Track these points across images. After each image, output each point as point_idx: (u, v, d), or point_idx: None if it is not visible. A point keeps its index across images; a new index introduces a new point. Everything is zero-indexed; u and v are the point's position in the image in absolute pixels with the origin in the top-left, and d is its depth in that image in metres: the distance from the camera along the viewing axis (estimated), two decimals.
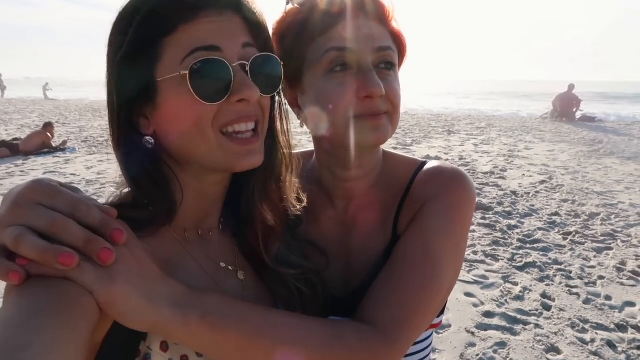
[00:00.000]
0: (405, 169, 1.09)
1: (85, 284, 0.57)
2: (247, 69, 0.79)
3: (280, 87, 0.89)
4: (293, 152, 0.99)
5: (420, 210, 0.99)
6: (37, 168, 9.39)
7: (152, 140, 0.80)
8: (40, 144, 10.96)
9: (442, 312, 1.09)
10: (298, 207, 0.99)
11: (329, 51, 0.93)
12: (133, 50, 0.76)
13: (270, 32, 0.92)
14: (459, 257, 0.98)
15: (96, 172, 8.84)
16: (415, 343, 1.03)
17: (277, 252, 0.97)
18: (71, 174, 8.75)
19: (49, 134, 11.20)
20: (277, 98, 0.93)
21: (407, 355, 1.05)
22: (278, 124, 0.94)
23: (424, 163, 1.09)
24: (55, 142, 11.38)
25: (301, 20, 0.97)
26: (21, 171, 9.07)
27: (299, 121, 1.07)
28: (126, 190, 0.82)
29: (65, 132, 12.63)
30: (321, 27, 0.95)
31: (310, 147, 1.19)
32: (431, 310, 0.92)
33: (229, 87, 0.76)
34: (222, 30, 0.77)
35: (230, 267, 0.95)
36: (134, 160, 0.80)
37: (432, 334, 1.11)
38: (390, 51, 0.96)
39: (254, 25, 0.83)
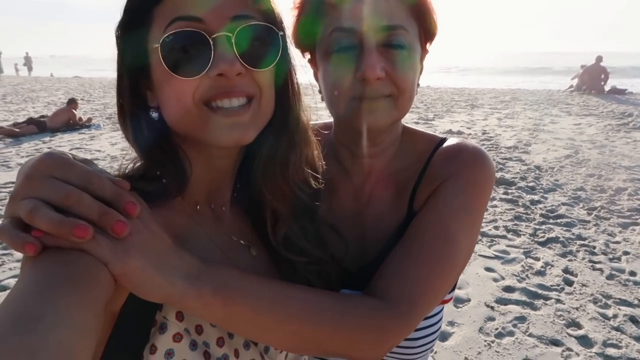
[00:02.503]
0: (424, 145, 1.07)
1: (100, 256, 0.57)
2: (233, 40, 0.74)
3: (287, 62, 0.85)
4: (311, 125, 0.94)
5: (438, 188, 0.98)
6: (63, 144, 9.61)
7: (157, 113, 0.80)
8: (66, 120, 11.19)
9: (453, 289, 1.10)
10: (313, 185, 0.95)
11: (334, 31, 0.91)
12: (127, 21, 0.76)
13: (291, 4, 0.91)
14: (474, 235, 0.97)
15: (120, 149, 8.99)
16: (426, 318, 1.04)
17: (286, 236, 0.94)
18: (96, 150, 8.93)
19: (73, 110, 11.41)
20: (287, 74, 0.87)
21: (417, 330, 1.05)
22: (290, 104, 0.88)
23: (444, 140, 1.07)
24: (82, 119, 11.59)
25: None
26: (48, 147, 9.29)
27: (320, 95, 1.06)
28: (138, 163, 0.82)
29: (90, 109, 12.85)
30: (330, 3, 0.92)
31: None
32: (443, 287, 0.92)
33: (209, 61, 0.73)
34: (209, 0, 0.73)
35: (242, 242, 0.94)
36: (142, 132, 0.80)
37: (442, 309, 1.11)
38: (400, 30, 0.91)
39: None
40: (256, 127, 0.81)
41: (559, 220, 5.36)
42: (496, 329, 3.34)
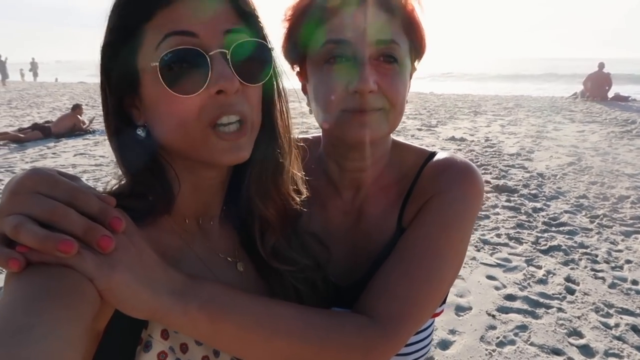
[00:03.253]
0: (413, 159, 1.07)
1: (85, 271, 0.56)
2: (228, 57, 0.74)
3: (276, 75, 0.86)
4: (300, 138, 0.95)
5: (427, 203, 0.98)
6: (68, 150, 9.66)
7: (144, 132, 0.79)
8: (71, 126, 11.25)
9: (444, 302, 1.08)
10: (297, 199, 0.95)
11: (326, 43, 0.91)
12: (115, 39, 0.75)
13: (282, 16, 0.91)
14: (463, 251, 0.97)
15: None
16: (416, 333, 1.03)
17: (274, 247, 0.94)
18: (100, 156, 8.98)
19: (78, 115, 11.48)
20: (275, 87, 0.88)
21: (407, 345, 1.04)
22: (277, 114, 0.89)
23: (433, 154, 1.06)
24: (85, 123, 11.66)
25: (306, 6, 0.95)
26: (53, 153, 9.36)
27: (309, 108, 1.06)
28: (125, 180, 0.81)
29: (95, 114, 12.90)
30: (322, 16, 0.92)
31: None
32: (432, 303, 0.91)
33: (207, 78, 0.72)
34: (200, 15, 0.73)
35: (229, 259, 0.93)
36: (128, 151, 0.79)
37: (433, 322, 1.11)
38: (393, 44, 0.92)
39: (243, 11, 0.78)
40: (251, 144, 0.82)
41: (561, 228, 5.35)
42: (497, 337, 3.34)
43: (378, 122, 0.94)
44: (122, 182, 0.82)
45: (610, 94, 18.48)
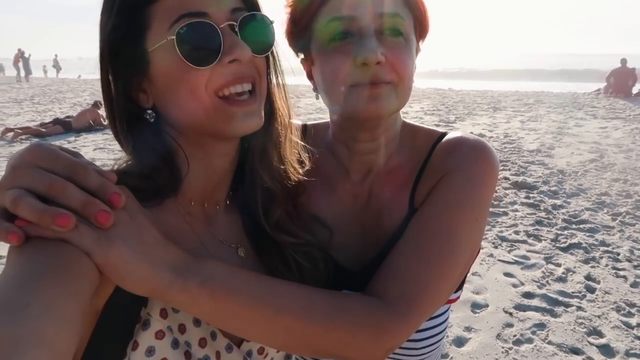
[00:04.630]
0: (424, 140, 1.05)
1: (83, 246, 0.57)
2: (236, 29, 0.78)
3: (274, 48, 0.89)
4: (309, 124, 0.98)
5: (438, 182, 0.95)
6: (87, 144, 9.82)
7: (154, 114, 0.81)
8: (91, 120, 11.43)
9: (460, 287, 1.06)
10: (300, 170, 0.98)
11: (331, 21, 0.91)
12: (121, 22, 0.76)
13: (284, 2, 0.92)
14: (478, 232, 0.94)
15: None
16: (430, 319, 1.01)
17: (277, 219, 0.95)
18: (119, 150, 8.98)
19: (97, 110, 11.66)
20: (271, 59, 0.91)
21: (420, 331, 1.02)
22: (274, 86, 0.93)
23: (444, 134, 1.04)
24: (105, 119, 11.84)
25: None
26: (73, 147, 9.48)
27: (315, 94, 1.05)
28: (132, 160, 0.83)
29: None
30: None
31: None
32: (446, 286, 0.89)
33: (220, 49, 0.76)
34: None
35: (231, 245, 0.94)
36: (137, 136, 0.80)
37: (448, 309, 1.08)
38: (398, 18, 0.91)
39: None
40: (262, 111, 0.84)
41: (581, 226, 5.23)
42: (514, 335, 3.28)
43: (387, 96, 0.92)
44: (130, 162, 0.83)
45: (635, 90, 18.04)
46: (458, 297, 1.09)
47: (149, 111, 0.81)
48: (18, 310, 0.47)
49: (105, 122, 11.19)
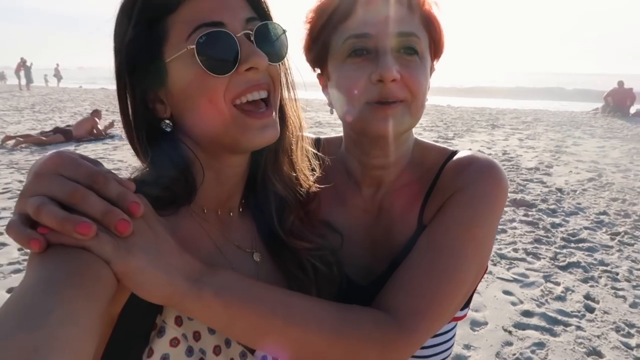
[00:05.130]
0: (435, 157, 1.07)
1: (103, 254, 0.58)
2: (252, 38, 0.80)
3: (286, 57, 0.90)
4: (322, 138, 0.99)
5: (447, 200, 0.97)
6: (87, 154, 9.73)
7: (170, 123, 0.82)
8: (90, 129, 11.46)
9: (466, 305, 1.07)
10: (311, 178, 1.00)
11: (348, 39, 0.94)
12: (139, 34, 0.77)
13: (303, 18, 0.94)
14: (485, 250, 0.95)
15: None
16: (436, 335, 1.01)
17: (291, 226, 0.97)
18: (119, 160, 9.10)
19: (96, 119, 11.69)
20: (283, 68, 0.92)
21: (426, 347, 1.03)
22: (286, 94, 0.94)
23: (455, 152, 1.06)
24: (105, 127, 11.86)
25: (327, 6, 0.98)
26: None
27: (330, 108, 1.07)
28: (149, 169, 0.84)
29: (114, 119, 13.10)
30: (343, 14, 0.95)
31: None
32: (452, 302, 0.90)
33: (237, 58, 0.77)
34: (223, 6, 0.79)
35: (247, 250, 0.95)
36: (154, 145, 0.81)
37: (455, 326, 1.09)
38: (414, 37, 0.94)
39: (256, 1, 0.85)
40: (277, 124, 0.85)
41: (580, 245, 5.24)
42: (514, 354, 3.26)
43: (401, 114, 0.95)
44: (146, 170, 0.83)
45: (632, 110, 18.18)
46: (465, 315, 1.10)
47: (167, 121, 0.83)
48: (41, 316, 0.48)
49: (105, 130, 11.19)
